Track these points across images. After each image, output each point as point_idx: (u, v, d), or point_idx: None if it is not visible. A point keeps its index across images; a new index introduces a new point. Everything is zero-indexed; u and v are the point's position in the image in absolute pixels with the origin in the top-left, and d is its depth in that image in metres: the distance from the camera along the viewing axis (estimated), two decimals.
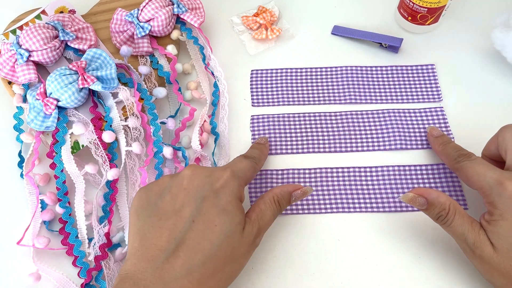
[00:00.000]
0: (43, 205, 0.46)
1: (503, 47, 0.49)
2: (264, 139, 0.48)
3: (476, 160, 0.40)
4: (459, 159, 0.41)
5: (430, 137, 0.46)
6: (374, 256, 0.43)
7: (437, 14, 0.52)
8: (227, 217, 0.36)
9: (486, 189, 0.38)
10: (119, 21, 0.51)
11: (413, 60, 0.54)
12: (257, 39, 0.55)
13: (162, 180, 0.39)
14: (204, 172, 0.39)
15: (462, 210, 0.38)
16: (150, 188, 0.39)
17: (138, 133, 0.47)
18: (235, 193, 0.38)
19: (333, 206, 0.46)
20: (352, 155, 0.48)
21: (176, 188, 0.38)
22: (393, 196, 0.46)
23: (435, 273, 0.42)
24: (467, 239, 0.37)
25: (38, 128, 0.45)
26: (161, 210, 0.37)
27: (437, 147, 0.45)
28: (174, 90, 0.50)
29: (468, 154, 0.41)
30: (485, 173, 0.38)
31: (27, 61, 0.47)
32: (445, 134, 0.46)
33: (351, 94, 0.51)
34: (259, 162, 0.44)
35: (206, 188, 0.37)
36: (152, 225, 0.36)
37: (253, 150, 0.45)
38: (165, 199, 0.37)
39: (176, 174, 0.39)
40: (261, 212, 0.39)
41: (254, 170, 0.42)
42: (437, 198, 0.38)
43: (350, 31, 0.55)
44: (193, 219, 0.36)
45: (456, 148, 0.43)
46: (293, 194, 0.41)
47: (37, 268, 0.43)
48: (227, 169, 0.39)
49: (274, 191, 0.40)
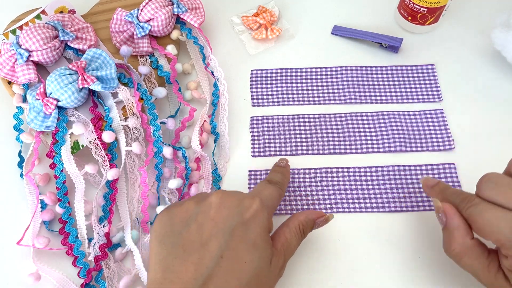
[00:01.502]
0: (43, 205, 0.46)
1: (503, 47, 0.49)
2: (285, 161, 0.46)
3: (482, 205, 0.35)
4: (462, 205, 0.37)
5: (427, 189, 0.41)
6: (374, 256, 0.43)
7: (437, 14, 0.52)
8: (256, 253, 0.34)
9: (504, 241, 0.33)
10: (119, 21, 0.51)
11: (413, 60, 0.54)
12: (257, 39, 0.55)
13: (187, 205, 0.37)
14: (233, 201, 0.36)
15: (477, 251, 0.36)
16: (174, 213, 0.36)
17: (138, 133, 0.47)
18: (265, 225, 0.36)
19: (333, 206, 0.46)
20: (352, 157, 0.48)
21: (202, 217, 0.35)
22: (393, 196, 0.46)
23: (435, 273, 0.42)
24: (480, 279, 0.36)
25: (38, 128, 0.45)
26: (186, 240, 0.34)
27: (435, 196, 0.41)
28: (174, 90, 0.50)
29: (469, 198, 0.37)
30: (498, 222, 0.34)
31: (27, 61, 0.47)
32: (440, 181, 0.41)
33: (351, 94, 0.51)
34: (283, 188, 0.42)
35: (235, 219, 0.35)
36: (176, 256, 0.34)
37: (275, 174, 0.43)
38: (190, 228, 0.35)
39: (203, 200, 0.37)
40: (286, 241, 0.37)
41: (280, 197, 0.41)
42: (454, 228, 0.36)
43: (350, 31, 0.55)
44: (221, 254, 0.34)
45: (457, 193, 0.38)
46: (317, 221, 0.39)
47: (37, 268, 0.43)
48: (255, 198, 0.37)
49: (299, 219, 0.39)
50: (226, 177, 0.48)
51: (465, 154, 0.48)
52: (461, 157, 0.48)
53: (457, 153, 0.48)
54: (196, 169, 0.48)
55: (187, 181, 0.46)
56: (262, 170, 0.48)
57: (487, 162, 0.47)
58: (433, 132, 0.49)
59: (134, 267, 0.43)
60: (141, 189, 0.46)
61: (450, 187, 0.40)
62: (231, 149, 0.49)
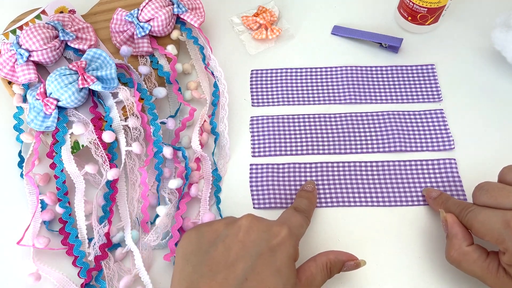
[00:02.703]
0: (43, 205, 0.46)
1: (503, 47, 0.49)
2: (312, 186, 0.45)
3: (476, 210, 0.38)
4: (462, 214, 0.39)
5: (429, 200, 0.44)
6: (374, 256, 0.43)
7: (437, 14, 0.52)
8: (280, 280, 0.34)
9: (497, 236, 0.35)
10: (119, 21, 0.51)
11: (413, 60, 0.54)
12: (257, 39, 0.55)
13: (216, 225, 0.37)
14: (262, 226, 0.36)
15: (473, 256, 0.37)
16: (202, 232, 0.37)
17: (138, 133, 0.47)
18: (291, 253, 0.36)
19: (333, 200, 0.46)
20: (352, 157, 0.48)
21: (231, 238, 0.36)
22: (393, 190, 0.46)
23: (435, 273, 0.42)
24: (485, 281, 0.37)
25: (38, 128, 0.45)
26: (213, 260, 0.35)
27: (438, 208, 0.43)
28: (174, 90, 0.50)
29: (467, 206, 0.39)
30: (489, 220, 0.36)
31: (27, 61, 0.47)
32: (443, 192, 0.44)
33: (351, 94, 0.51)
34: (310, 216, 0.42)
35: (262, 244, 0.35)
36: (202, 275, 0.34)
37: (302, 200, 0.43)
38: (218, 248, 0.35)
39: (233, 222, 0.37)
40: (312, 276, 0.37)
41: (306, 225, 0.41)
42: (452, 236, 0.39)
43: (350, 31, 0.55)
44: (246, 276, 0.34)
45: (457, 204, 0.40)
46: (346, 264, 0.39)
47: (37, 268, 0.43)
48: (284, 226, 0.37)
49: (329, 257, 0.38)
50: (226, 177, 0.48)
51: (465, 154, 0.48)
52: (461, 157, 0.48)
53: (457, 153, 0.48)
54: (196, 169, 0.48)
55: (187, 181, 0.46)
56: (263, 164, 0.48)
57: (487, 162, 0.47)
58: (433, 132, 0.49)
59: (134, 267, 0.43)
60: (141, 189, 0.46)
61: (451, 198, 0.43)
62: (231, 149, 0.49)
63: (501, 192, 0.37)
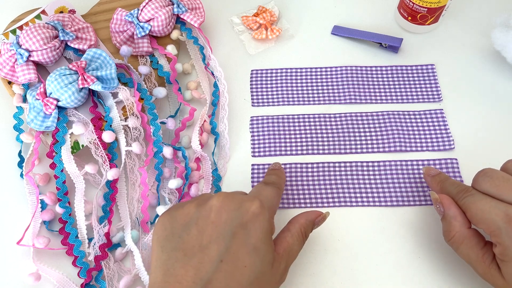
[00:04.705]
0: (43, 205, 0.46)
1: (503, 47, 0.49)
2: (278, 165, 0.45)
3: (477, 195, 0.37)
4: (459, 195, 0.39)
5: (427, 178, 0.43)
6: (374, 256, 0.43)
7: (437, 14, 0.52)
8: (257, 257, 0.34)
9: (494, 228, 0.35)
10: (119, 21, 0.51)
11: (413, 60, 0.54)
12: (257, 39, 0.55)
13: (187, 208, 0.36)
14: (233, 205, 0.36)
15: (473, 240, 0.37)
16: (174, 216, 0.36)
17: (138, 133, 0.47)
18: (266, 227, 0.35)
19: (334, 200, 0.46)
20: (352, 157, 0.48)
21: (203, 221, 0.35)
22: (395, 190, 0.46)
23: (435, 273, 0.42)
24: (476, 269, 0.37)
25: (38, 128, 0.45)
26: (186, 244, 0.34)
27: (435, 186, 0.42)
28: (174, 90, 0.50)
29: (466, 189, 0.39)
30: (489, 210, 0.36)
31: (27, 61, 0.47)
32: (441, 172, 0.43)
33: (351, 94, 0.51)
34: (281, 187, 0.42)
35: (235, 222, 0.35)
36: (176, 260, 0.34)
37: (270, 176, 0.43)
38: (191, 232, 0.35)
39: (204, 203, 0.36)
40: (289, 246, 0.37)
41: (278, 196, 0.40)
42: (451, 217, 0.38)
43: (350, 31, 0.55)
44: (221, 258, 0.33)
45: (455, 185, 0.40)
46: (315, 221, 0.40)
47: (37, 268, 0.43)
48: (255, 200, 0.36)
49: (300, 222, 0.39)
50: (226, 177, 0.48)
51: (465, 154, 0.48)
52: (461, 157, 0.48)
53: (457, 153, 0.48)
54: (196, 169, 0.48)
55: (187, 181, 0.46)
56: (264, 164, 0.48)
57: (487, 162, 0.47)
58: (433, 132, 0.49)
59: (134, 267, 0.43)
60: (141, 189, 0.46)
61: (450, 178, 0.42)
62: (231, 149, 0.49)
63: (506, 183, 0.36)
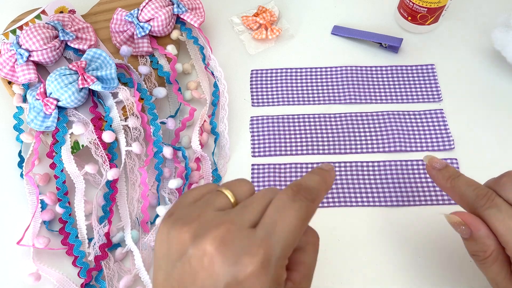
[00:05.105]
0: (43, 205, 0.46)
1: (503, 47, 0.49)
2: (330, 166, 0.33)
3: (505, 211, 0.32)
4: (479, 203, 0.33)
5: (432, 171, 0.36)
6: (374, 256, 0.43)
7: (437, 14, 0.52)
8: None
9: None
10: (119, 21, 0.51)
11: (413, 60, 0.54)
12: (257, 39, 0.55)
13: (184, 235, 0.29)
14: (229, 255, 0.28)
15: (504, 258, 0.32)
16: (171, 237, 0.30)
17: (138, 133, 0.47)
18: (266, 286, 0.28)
19: (334, 200, 0.46)
20: (352, 157, 0.48)
21: (196, 262, 0.29)
22: (395, 190, 0.46)
23: (435, 273, 0.42)
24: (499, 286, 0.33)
25: (38, 128, 0.45)
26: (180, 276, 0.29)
27: (443, 183, 0.35)
28: (174, 90, 0.50)
29: (487, 195, 0.33)
30: None
31: (27, 61, 0.47)
32: (449, 164, 0.36)
33: (351, 94, 0.51)
34: (318, 197, 0.31)
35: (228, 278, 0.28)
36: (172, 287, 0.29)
37: (312, 177, 0.32)
38: (184, 267, 0.29)
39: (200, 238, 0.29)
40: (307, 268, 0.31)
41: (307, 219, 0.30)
42: (484, 237, 0.32)
43: (350, 31, 0.55)
44: None
45: (472, 185, 0.34)
46: None
47: (37, 268, 0.43)
48: (258, 254, 0.28)
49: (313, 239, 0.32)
50: (226, 177, 0.48)
51: (465, 154, 0.48)
52: (461, 157, 0.48)
53: (457, 153, 0.48)
54: (196, 169, 0.48)
55: (187, 181, 0.46)
56: (264, 164, 0.48)
57: (487, 162, 0.47)
58: (433, 132, 0.49)
59: (134, 267, 0.43)
60: (141, 189, 0.46)
61: (463, 175, 0.35)
62: (231, 149, 0.49)
63: None
